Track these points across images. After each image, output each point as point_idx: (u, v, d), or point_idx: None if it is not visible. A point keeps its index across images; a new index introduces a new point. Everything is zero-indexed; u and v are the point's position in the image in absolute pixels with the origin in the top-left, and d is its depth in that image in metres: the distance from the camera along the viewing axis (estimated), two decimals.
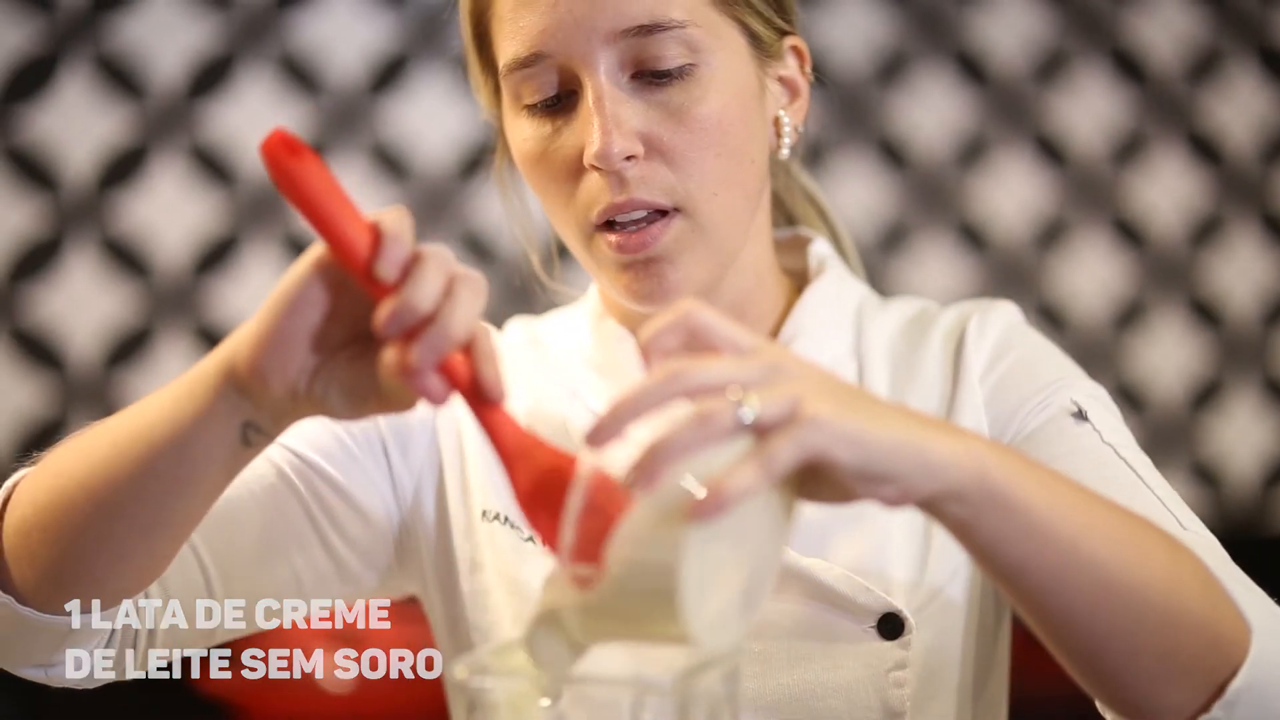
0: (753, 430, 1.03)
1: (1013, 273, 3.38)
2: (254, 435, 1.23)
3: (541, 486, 1.14)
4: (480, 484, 1.54)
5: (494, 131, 1.57)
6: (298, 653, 2.73)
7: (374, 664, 2.75)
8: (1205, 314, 3.44)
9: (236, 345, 1.20)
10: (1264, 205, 3.47)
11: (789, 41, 1.51)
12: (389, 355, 1.12)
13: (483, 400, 1.13)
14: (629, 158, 1.41)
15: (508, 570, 1.51)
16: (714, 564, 1.04)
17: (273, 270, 3.13)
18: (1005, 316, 1.54)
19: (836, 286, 1.57)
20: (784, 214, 1.66)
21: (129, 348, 3.12)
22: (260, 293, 3.15)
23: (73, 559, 1.31)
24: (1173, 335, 3.41)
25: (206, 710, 2.73)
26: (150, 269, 3.13)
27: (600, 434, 1.04)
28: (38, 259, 3.10)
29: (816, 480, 1.09)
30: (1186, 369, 3.41)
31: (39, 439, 3.07)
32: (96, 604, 1.34)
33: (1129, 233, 3.42)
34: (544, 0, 1.41)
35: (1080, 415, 1.42)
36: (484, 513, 1.53)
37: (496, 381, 1.13)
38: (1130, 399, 3.29)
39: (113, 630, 1.41)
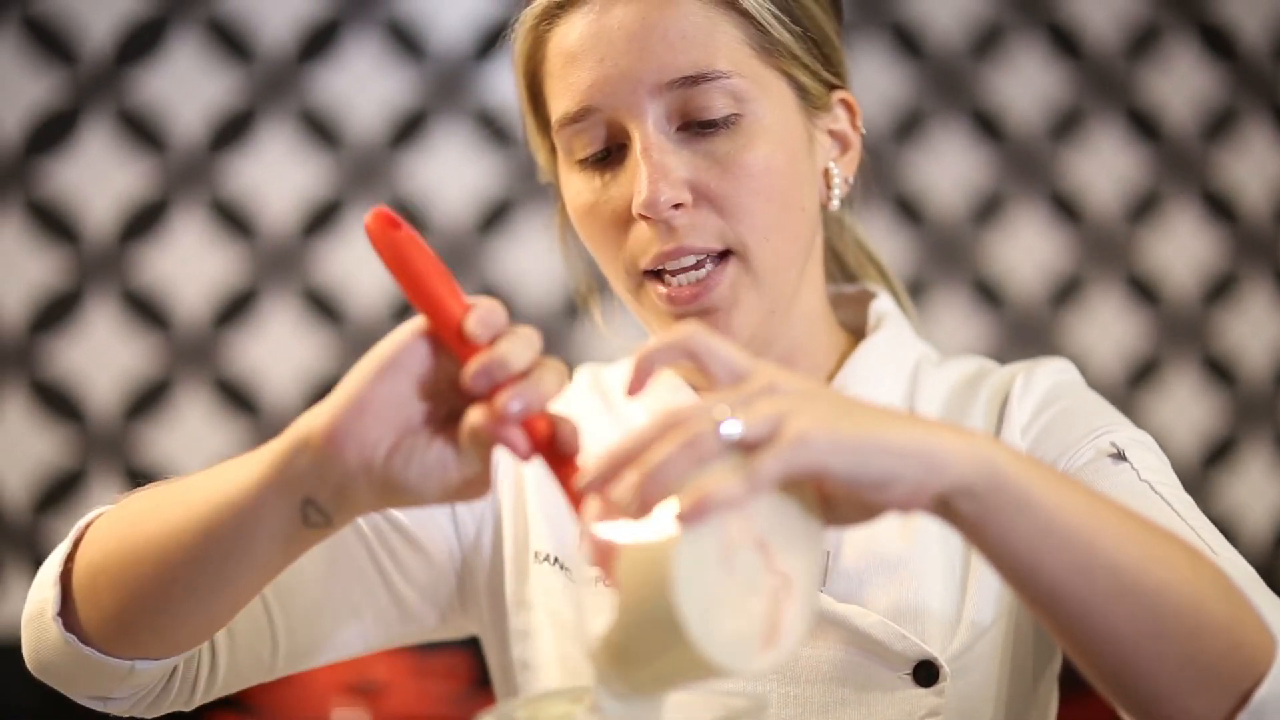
0: (740, 448, 1.03)
1: (1028, 329, 3.38)
2: (314, 514, 1.22)
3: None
4: (535, 526, 1.55)
5: (553, 190, 1.58)
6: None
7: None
8: (1219, 370, 3.44)
9: (315, 413, 1.19)
10: (1278, 263, 3.48)
11: (838, 95, 1.52)
12: (474, 413, 1.14)
13: (560, 455, 1.15)
14: (677, 206, 1.42)
15: (557, 611, 1.51)
16: (719, 586, 1.04)
17: (292, 323, 3.14)
18: (1054, 372, 1.53)
19: (894, 342, 1.57)
20: (840, 268, 1.67)
21: (148, 400, 3.13)
22: (279, 345, 3.16)
23: (134, 611, 1.32)
24: (1187, 390, 3.41)
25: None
26: (170, 322, 3.14)
27: (595, 481, 1.06)
28: (58, 311, 3.11)
29: (832, 504, 1.10)
30: (1200, 424, 3.41)
31: (58, 490, 3.08)
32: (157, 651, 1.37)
33: (1144, 290, 3.42)
34: (592, 55, 1.43)
35: (1119, 456, 1.42)
36: (536, 554, 1.53)
37: (574, 437, 1.15)
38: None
39: (175, 667, 1.43)
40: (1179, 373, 3.41)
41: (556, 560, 1.53)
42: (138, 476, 3.11)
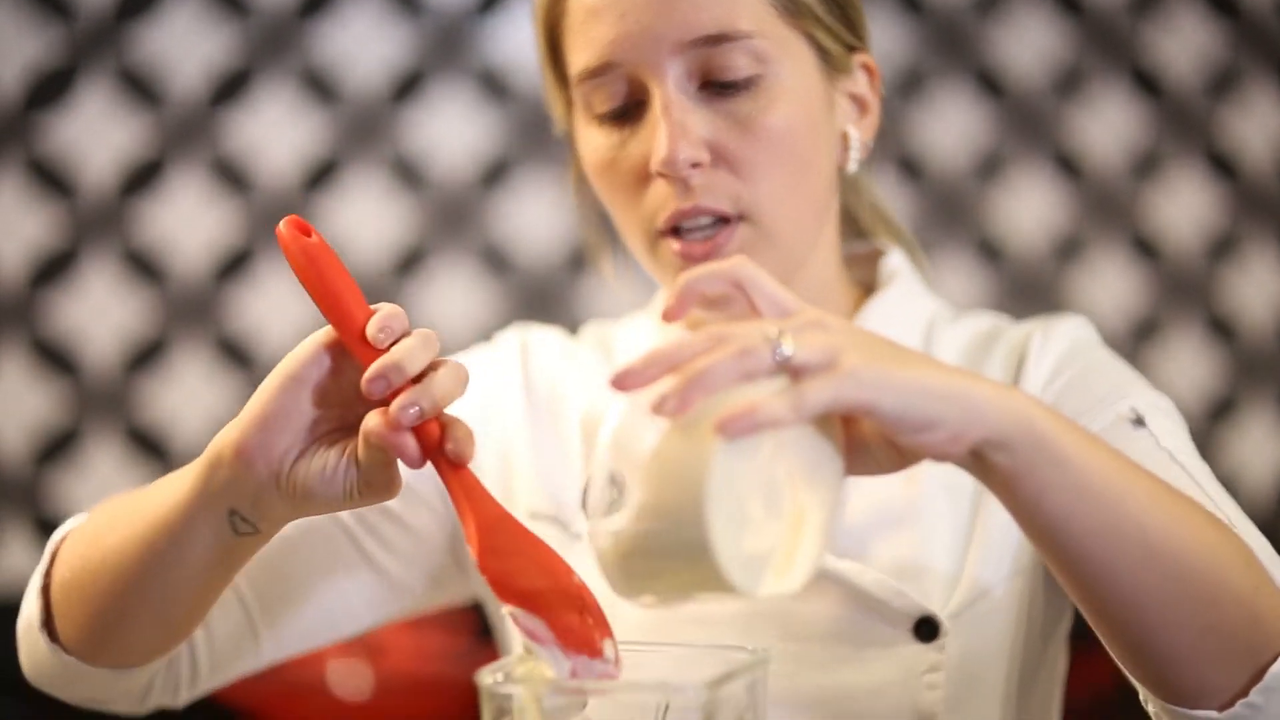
0: (790, 372, 1.03)
1: (1030, 287, 3.38)
2: (241, 524, 1.28)
3: (501, 551, 1.20)
4: (527, 484, 1.54)
5: (569, 144, 1.58)
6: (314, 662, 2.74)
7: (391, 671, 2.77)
8: (1221, 329, 3.43)
9: (226, 431, 1.25)
10: None
11: (859, 59, 1.52)
12: (370, 419, 1.19)
13: (450, 462, 1.20)
14: (695, 165, 1.42)
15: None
16: (745, 504, 1.04)
17: (290, 282, 3.13)
18: (1072, 330, 1.53)
19: (905, 299, 1.56)
20: (855, 230, 1.66)
21: (146, 356, 3.12)
22: (279, 301, 3.15)
23: (100, 624, 1.40)
24: (1187, 349, 3.41)
25: (223, 717, 2.73)
26: (168, 278, 3.13)
27: (628, 378, 1.05)
28: (56, 268, 3.10)
29: (864, 448, 1.10)
30: (1202, 382, 3.40)
31: (57, 446, 3.08)
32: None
33: (1146, 248, 3.41)
34: (614, 11, 1.42)
35: (1138, 421, 1.42)
36: (533, 513, 1.53)
37: (466, 444, 1.19)
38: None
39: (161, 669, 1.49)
40: (1181, 331, 3.41)
41: (556, 519, 1.52)
42: (136, 433, 3.10)
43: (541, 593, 1.19)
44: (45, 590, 1.44)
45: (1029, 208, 3.39)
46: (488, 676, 1.11)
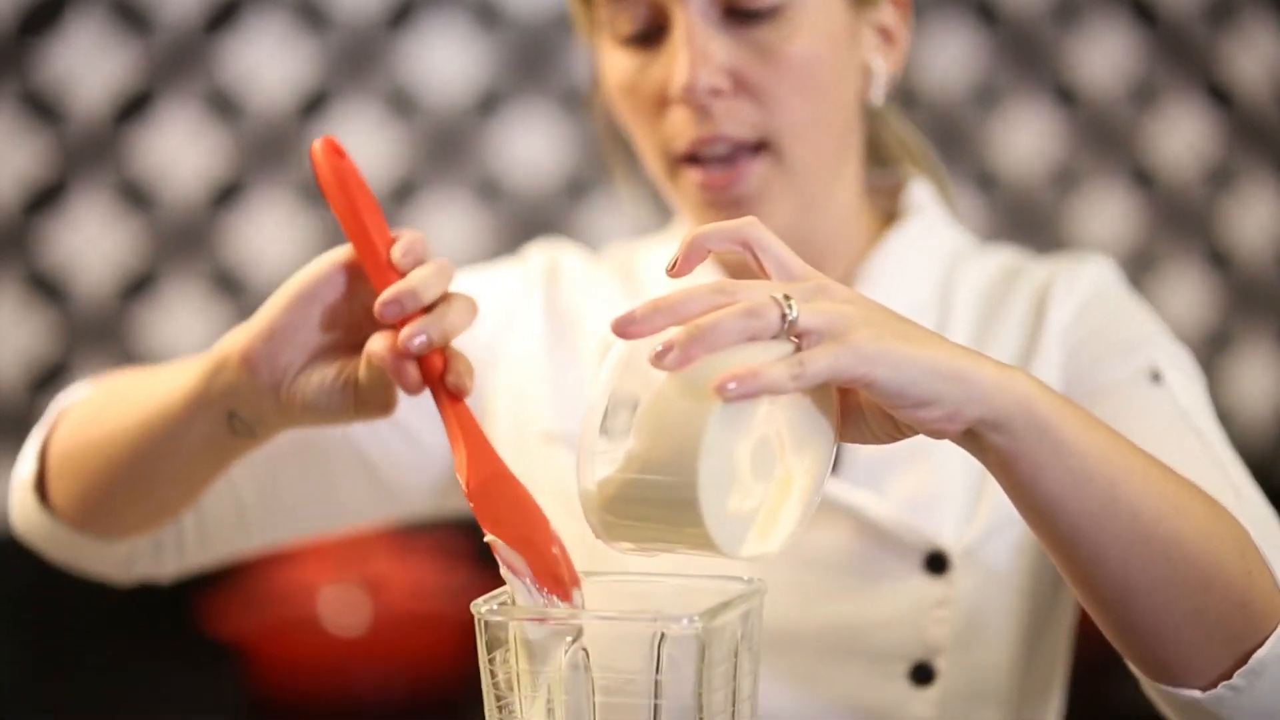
0: (794, 337, 1.03)
1: (1027, 218, 3.37)
2: (239, 425, 1.32)
3: (488, 488, 1.21)
4: (542, 406, 1.54)
5: (592, 65, 1.58)
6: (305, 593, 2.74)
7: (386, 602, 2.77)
8: (1219, 260, 3.43)
9: (234, 335, 1.28)
10: (1278, 152, 3.46)
11: None
12: (377, 341, 1.21)
13: (448, 394, 1.21)
14: (715, 92, 1.42)
15: (569, 493, 1.51)
16: (735, 465, 1.04)
17: (283, 212, 3.12)
18: (1097, 273, 1.52)
19: (928, 231, 1.55)
20: (880, 162, 1.65)
21: (138, 287, 3.11)
22: (271, 231, 3.14)
23: (92, 497, 1.45)
24: (1185, 281, 3.41)
25: (215, 654, 2.74)
26: (160, 208, 3.12)
27: (631, 323, 1.04)
28: (46, 198, 3.09)
29: (859, 417, 1.09)
30: (1199, 315, 3.40)
31: (47, 377, 3.07)
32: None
33: (1143, 178, 3.41)
34: None
35: (1157, 377, 1.41)
36: (546, 434, 1.53)
37: (466, 378, 1.21)
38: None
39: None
40: (1178, 262, 3.40)
41: (568, 440, 1.53)
42: (128, 363, 3.10)
43: (523, 534, 1.20)
44: (43, 453, 1.48)
45: (1026, 138, 3.38)
46: (483, 606, 1.11)
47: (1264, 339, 3.43)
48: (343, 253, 1.26)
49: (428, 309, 1.20)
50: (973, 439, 1.08)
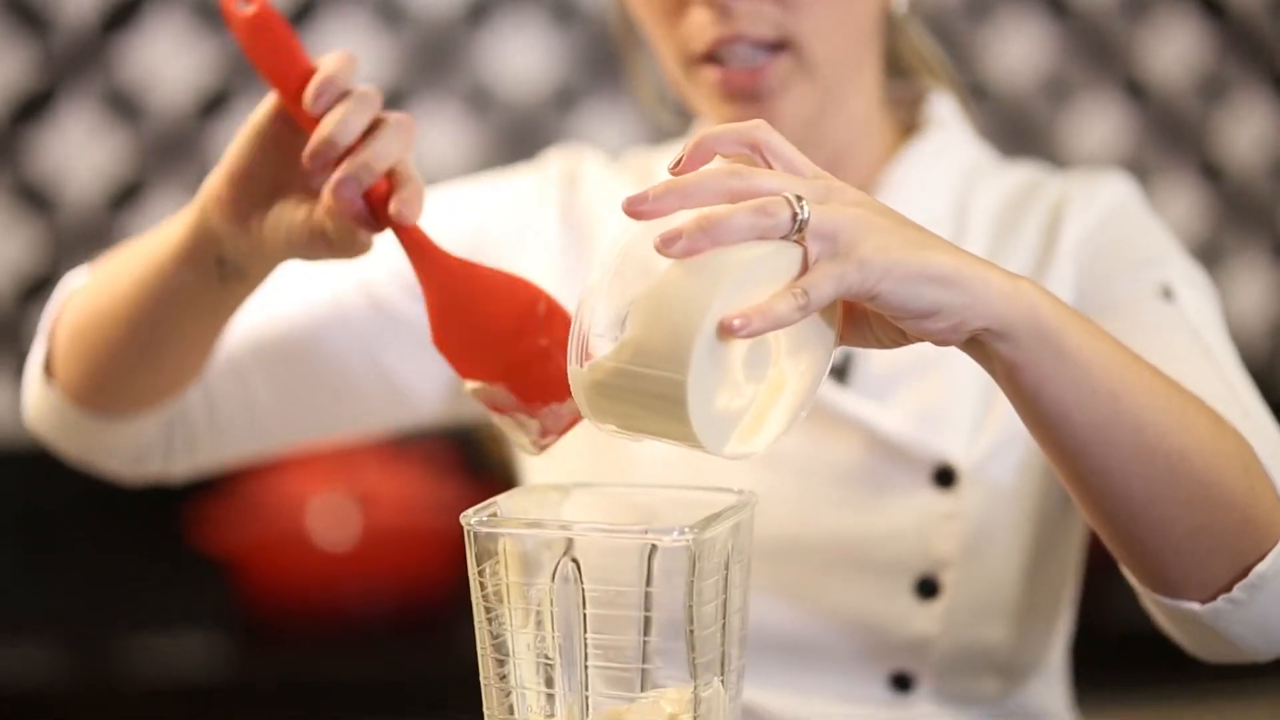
0: (803, 238, 1.02)
1: (1019, 129, 3.35)
2: (229, 271, 1.32)
3: (458, 317, 1.22)
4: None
5: None
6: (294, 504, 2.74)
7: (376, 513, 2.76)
8: (1213, 174, 3.42)
9: (210, 180, 1.29)
10: (1271, 63, 3.44)
11: None
12: (325, 192, 1.21)
13: (396, 223, 1.21)
14: None
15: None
16: (728, 363, 1.04)
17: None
18: (1113, 188, 1.51)
19: (946, 145, 1.55)
20: (901, 73, 1.64)
21: (126, 196, 3.09)
22: None
23: (98, 372, 1.46)
24: (1177, 194, 3.40)
25: (203, 568, 2.74)
26: (148, 116, 3.10)
27: (643, 203, 1.03)
28: (34, 108, 3.07)
29: (864, 322, 1.09)
30: (1193, 228, 3.40)
31: (36, 288, 3.06)
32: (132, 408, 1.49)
33: (1135, 90, 3.39)
34: None
35: (1168, 294, 1.41)
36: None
37: (412, 203, 1.20)
38: None
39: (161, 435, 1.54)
40: (1170, 175, 3.39)
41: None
42: None
43: (502, 354, 1.22)
44: (51, 339, 1.50)
45: (1017, 48, 3.36)
46: (472, 517, 1.10)
47: (1257, 251, 3.42)
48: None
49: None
50: (978, 347, 1.08)
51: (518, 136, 3.15)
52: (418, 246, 1.22)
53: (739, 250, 1.02)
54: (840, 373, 1.48)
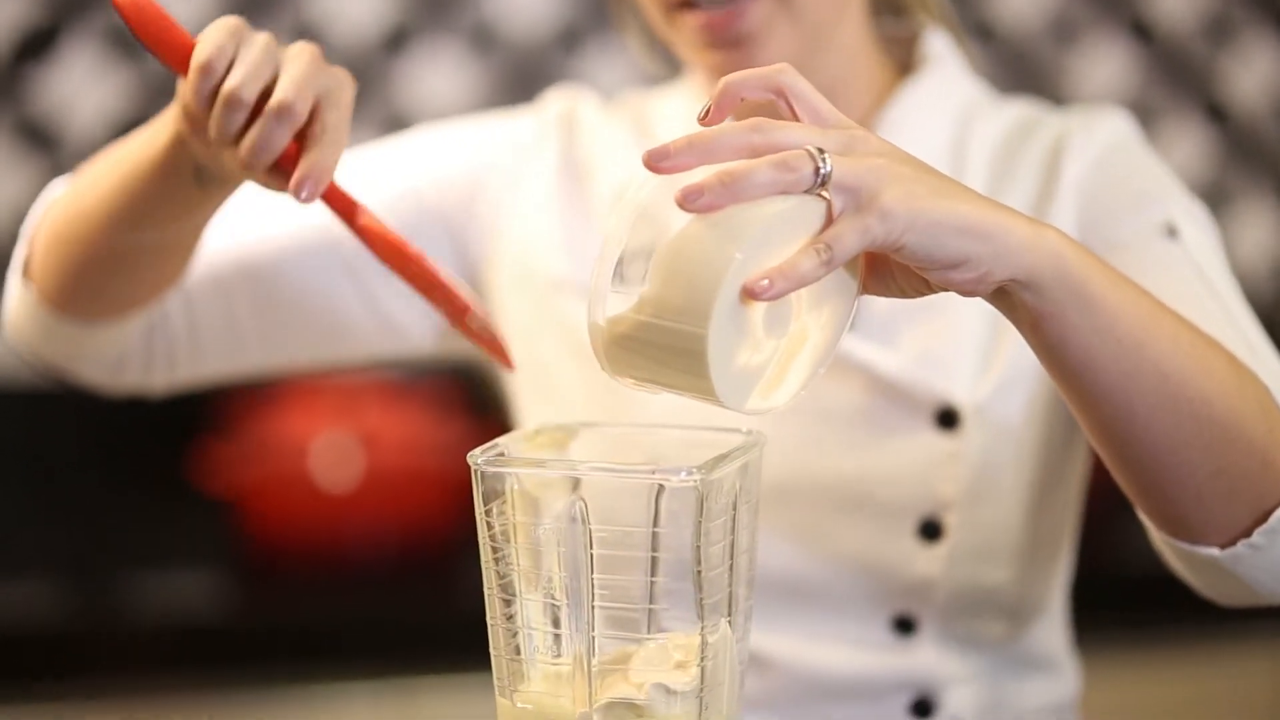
0: (826, 192, 1.01)
1: (1024, 70, 3.34)
2: (208, 177, 1.30)
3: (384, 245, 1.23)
4: (550, 254, 1.54)
5: None
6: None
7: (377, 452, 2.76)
8: (1219, 115, 3.41)
9: (180, 90, 1.26)
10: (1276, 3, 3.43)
11: None
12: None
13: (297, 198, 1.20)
14: None
15: (574, 338, 1.51)
16: (748, 320, 1.03)
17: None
18: (1113, 126, 1.50)
19: (943, 83, 1.54)
20: (894, 10, 1.62)
21: (128, 134, 3.08)
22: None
23: (77, 276, 1.45)
24: (1182, 135, 3.39)
25: (205, 508, 2.74)
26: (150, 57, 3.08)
27: (664, 158, 1.02)
28: (37, 45, 3.05)
29: (887, 273, 1.08)
30: (1199, 171, 3.39)
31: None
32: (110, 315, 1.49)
33: (1141, 31, 3.38)
34: None
35: (1172, 232, 1.40)
36: (555, 283, 1.53)
37: (313, 169, 1.18)
38: None
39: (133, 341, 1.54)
40: (1176, 116, 3.38)
41: (577, 286, 1.52)
42: None
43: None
44: (31, 245, 1.49)
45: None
46: (480, 457, 1.10)
47: (1262, 193, 3.41)
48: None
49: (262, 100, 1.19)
50: (1003, 297, 1.07)
51: (520, 77, 3.14)
52: (335, 200, 1.23)
53: (761, 205, 1.01)
54: None
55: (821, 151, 1.01)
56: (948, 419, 1.43)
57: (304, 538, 2.72)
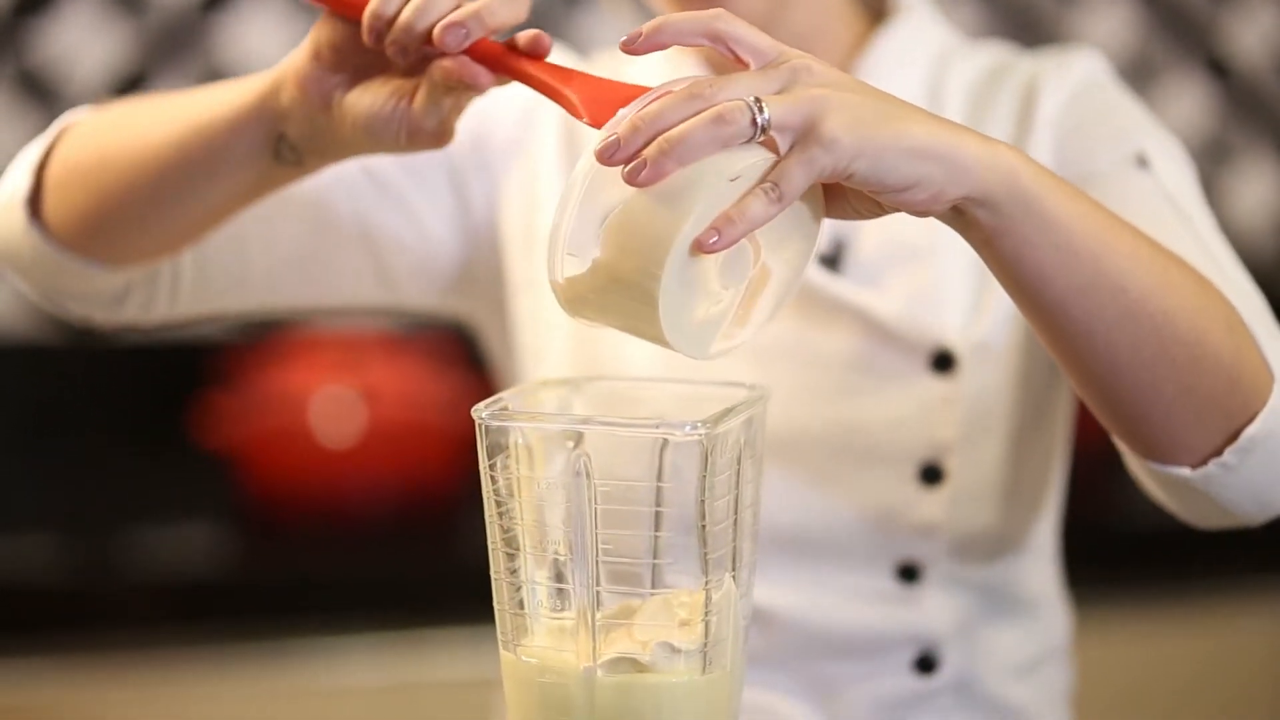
0: (768, 137, 1.01)
1: (1026, 24, 3.34)
2: (286, 151, 1.27)
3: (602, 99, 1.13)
4: (551, 205, 1.53)
5: None
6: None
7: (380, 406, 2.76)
8: (1221, 71, 3.40)
9: (290, 57, 1.24)
10: None
11: None
12: (437, 67, 1.18)
13: (527, 55, 1.17)
14: None
15: None
16: (702, 277, 1.04)
17: (275, 14, 3.07)
18: (1087, 64, 1.50)
19: (916, 28, 1.54)
20: None
21: (128, 88, 3.07)
22: (261, 34, 3.10)
23: (101, 214, 1.39)
24: (1185, 91, 3.38)
25: (205, 462, 2.74)
26: (151, 8, 3.07)
27: (615, 152, 1.02)
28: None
29: (841, 198, 1.08)
30: (1201, 127, 3.38)
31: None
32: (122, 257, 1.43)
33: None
34: None
35: (1143, 163, 1.40)
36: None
37: (538, 38, 1.17)
38: None
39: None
40: (1178, 72, 3.37)
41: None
42: None
43: None
44: (39, 170, 1.43)
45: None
46: (484, 411, 1.10)
47: (1264, 149, 3.41)
48: None
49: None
50: (958, 215, 1.07)
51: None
52: (555, 73, 1.17)
53: (704, 164, 1.01)
54: (832, 261, 1.48)
55: (758, 100, 1.01)
56: (943, 362, 1.44)
57: (305, 492, 2.72)
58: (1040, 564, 1.57)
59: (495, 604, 1.12)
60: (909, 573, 1.46)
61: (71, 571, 2.69)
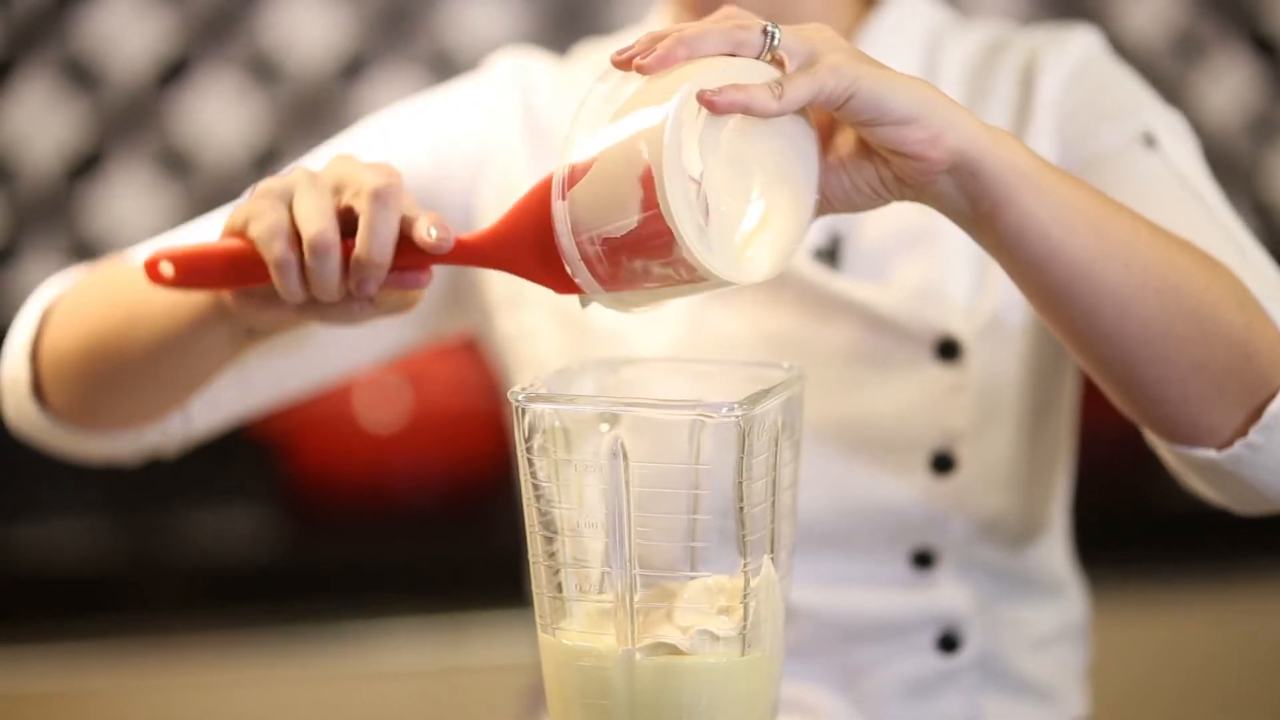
0: (776, 56, 1.05)
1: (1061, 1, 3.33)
2: (260, 333, 1.31)
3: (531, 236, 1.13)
4: None
5: None
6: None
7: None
8: (1266, 48, 3.38)
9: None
10: None
11: None
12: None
13: (441, 257, 1.16)
14: None
15: (559, 304, 1.50)
16: (708, 173, 1.05)
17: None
18: (1084, 43, 1.50)
19: (908, 9, 1.54)
20: None
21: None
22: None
23: (95, 396, 1.44)
24: (1230, 68, 3.37)
25: (251, 449, 2.75)
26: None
27: (649, 55, 1.05)
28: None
29: (838, 171, 1.10)
30: (1246, 103, 3.37)
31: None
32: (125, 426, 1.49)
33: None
34: None
35: (1150, 142, 1.39)
36: None
37: (440, 238, 1.14)
38: None
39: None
40: (1223, 49, 3.36)
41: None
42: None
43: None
44: (34, 356, 1.45)
45: None
46: (521, 394, 1.09)
47: None
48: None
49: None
50: (958, 196, 1.08)
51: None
52: (471, 252, 1.17)
53: (711, 70, 1.04)
54: (831, 256, 1.48)
55: (773, 24, 1.05)
56: (948, 350, 1.43)
57: (348, 477, 2.73)
58: (1054, 545, 1.56)
59: (533, 587, 1.12)
60: (924, 559, 1.46)
61: (116, 557, 2.71)
